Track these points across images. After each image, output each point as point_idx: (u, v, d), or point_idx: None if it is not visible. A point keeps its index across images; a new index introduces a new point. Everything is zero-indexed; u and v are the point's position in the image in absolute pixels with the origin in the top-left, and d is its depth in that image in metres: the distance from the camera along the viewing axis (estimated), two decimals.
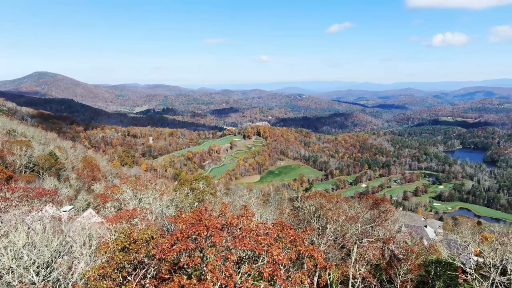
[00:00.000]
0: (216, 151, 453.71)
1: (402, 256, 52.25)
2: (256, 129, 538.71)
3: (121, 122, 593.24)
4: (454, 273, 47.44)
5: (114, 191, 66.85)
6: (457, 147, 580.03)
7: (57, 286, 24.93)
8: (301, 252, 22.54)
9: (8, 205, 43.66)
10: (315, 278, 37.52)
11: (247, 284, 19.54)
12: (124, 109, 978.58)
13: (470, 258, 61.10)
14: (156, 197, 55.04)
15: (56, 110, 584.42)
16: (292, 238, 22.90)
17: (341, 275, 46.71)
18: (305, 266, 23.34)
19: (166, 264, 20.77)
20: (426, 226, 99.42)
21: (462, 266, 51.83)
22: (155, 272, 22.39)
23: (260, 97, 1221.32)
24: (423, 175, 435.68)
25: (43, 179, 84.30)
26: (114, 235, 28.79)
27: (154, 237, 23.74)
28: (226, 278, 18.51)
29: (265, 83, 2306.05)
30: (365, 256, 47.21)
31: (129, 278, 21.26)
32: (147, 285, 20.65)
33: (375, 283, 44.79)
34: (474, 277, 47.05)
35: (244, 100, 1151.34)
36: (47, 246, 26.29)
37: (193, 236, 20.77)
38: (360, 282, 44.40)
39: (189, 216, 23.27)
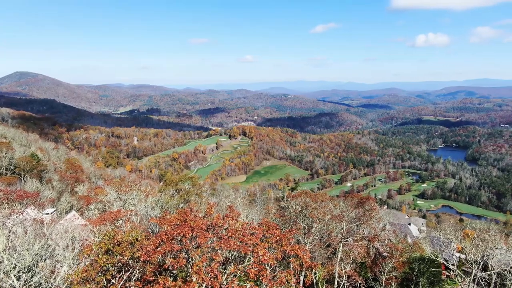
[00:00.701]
0: (202, 152, 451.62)
1: (387, 254, 52.88)
2: (242, 129, 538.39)
3: (105, 123, 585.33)
4: (437, 270, 48.25)
5: (98, 193, 65.99)
6: (440, 146, 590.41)
7: None
8: (287, 252, 22.57)
9: None
10: (301, 278, 37.69)
11: (233, 285, 19.49)
12: (108, 110, 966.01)
13: (453, 255, 62.26)
14: (141, 199, 54.45)
15: (38, 111, 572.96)
16: (278, 238, 22.91)
17: (327, 274, 47.03)
18: (291, 266, 23.39)
19: (151, 266, 20.56)
20: (410, 224, 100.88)
21: (445, 263, 52.79)
22: (140, 275, 22.12)
23: (246, 97, 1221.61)
24: (407, 174, 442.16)
25: (25, 181, 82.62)
26: (98, 238, 28.34)
27: (139, 239, 23.46)
28: (212, 279, 18.43)
29: (251, 83, 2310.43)
30: (351, 255, 47.63)
31: (113, 281, 20.98)
32: None
33: (361, 281, 45.25)
34: (457, 273, 47.96)
35: (230, 100, 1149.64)
36: (28, 250, 25.75)
37: (178, 238, 20.61)
38: (346, 281, 44.81)
39: (174, 218, 23.10)
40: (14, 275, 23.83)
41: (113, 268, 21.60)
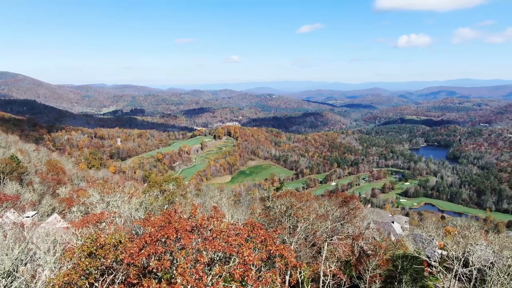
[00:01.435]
0: (187, 152, 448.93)
1: (371, 252, 53.53)
2: (227, 129, 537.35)
3: (88, 124, 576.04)
4: (420, 267, 49.01)
5: (81, 195, 64.84)
6: (422, 145, 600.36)
7: None
8: (272, 252, 22.61)
9: None
10: (287, 277, 37.84)
11: (218, 286, 19.45)
12: (91, 110, 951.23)
13: (435, 252, 63.46)
14: (125, 200, 53.80)
15: (18, 112, 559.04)
16: (263, 238, 22.93)
17: (312, 273, 47.33)
18: (277, 266, 23.46)
19: (135, 269, 20.33)
20: (393, 222, 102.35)
21: (428, 260, 53.73)
22: (124, 277, 21.87)
23: (230, 97, 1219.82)
24: (390, 173, 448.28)
25: (4, 184, 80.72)
26: (81, 241, 27.92)
27: (122, 242, 23.18)
28: (197, 281, 18.34)
29: (235, 83, 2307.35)
30: (335, 253, 48.04)
31: (96, 285, 20.69)
32: None
33: (345, 279, 45.66)
34: (439, 270, 48.90)
35: (214, 100, 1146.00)
36: (8, 255, 25.17)
37: (163, 239, 20.44)
38: (331, 279, 45.15)
39: (158, 219, 22.90)
40: None
41: (96, 272, 21.31)
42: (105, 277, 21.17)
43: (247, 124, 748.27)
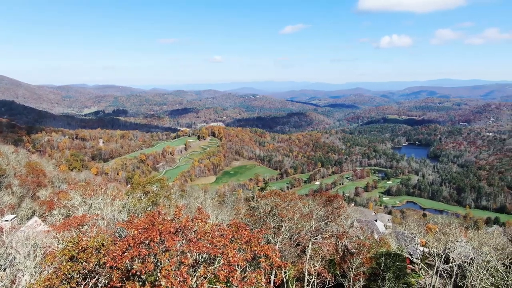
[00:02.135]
0: (170, 153, 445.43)
1: (355, 250, 54.05)
2: (211, 130, 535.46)
3: (69, 125, 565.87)
4: (403, 264, 49.80)
5: (62, 197, 63.62)
6: (404, 144, 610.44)
7: None
8: (257, 252, 22.63)
9: None
10: (272, 277, 37.92)
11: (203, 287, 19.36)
12: (72, 111, 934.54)
13: (417, 249, 64.57)
14: (108, 202, 53.00)
15: None
16: (247, 239, 22.93)
17: (297, 272, 47.53)
18: (261, 266, 23.48)
19: (118, 272, 20.06)
20: (377, 220, 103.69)
21: (410, 257, 54.69)
22: (107, 281, 21.56)
23: (214, 98, 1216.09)
24: (373, 171, 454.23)
25: None
26: (62, 244, 27.39)
27: (105, 244, 22.84)
28: (181, 283, 18.22)
29: (219, 83, 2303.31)
30: (320, 252, 48.37)
31: None
32: None
33: (330, 278, 46.00)
34: (421, 267, 49.74)
35: (198, 101, 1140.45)
36: None
37: (146, 242, 20.24)
38: (316, 278, 45.42)
39: (142, 221, 22.66)
40: None
41: (78, 276, 20.95)
42: (88, 281, 20.83)
43: (231, 125, 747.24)
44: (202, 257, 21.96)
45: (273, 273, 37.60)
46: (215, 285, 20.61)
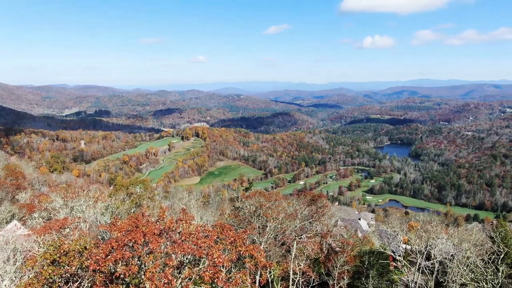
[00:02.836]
0: (154, 154, 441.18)
1: (339, 249, 54.60)
2: (195, 130, 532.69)
3: (49, 126, 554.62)
4: (386, 262, 50.56)
5: (42, 200, 62.27)
6: (386, 143, 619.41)
7: None
8: (242, 253, 22.67)
9: None
10: (257, 277, 37.94)
11: None
12: (52, 112, 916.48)
13: (399, 246, 65.53)
14: (90, 204, 52.17)
15: None
16: (232, 239, 22.94)
17: (282, 272, 47.71)
18: (246, 266, 23.52)
19: (101, 275, 19.80)
20: (360, 219, 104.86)
21: (393, 254, 55.49)
22: (90, 285, 21.27)
23: (198, 98, 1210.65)
24: (356, 171, 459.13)
25: None
26: (43, 248, 26.85)
27: (88, 248, 22.54)
28: (166, 285, 18.11)
29: (203, 84, 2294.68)
30: (305, 251, 48.64)
31: None
32: None
33: (314, 277, 46.33)
34: (403, 264, 50.61)
35: (182, 101, 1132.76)
36: None
37: (130, 244, 20.02)
38: (300, 277, 45.70)
39: (125, 223, 22.41)
40: None
41: (60, 280, 20.61)
42: (70, 285, 20.52)
43: (216, 125, 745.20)
44: (187, 259, 21.86)
45: (258, 273, 37.65)
46: (200, 286, 20.55)
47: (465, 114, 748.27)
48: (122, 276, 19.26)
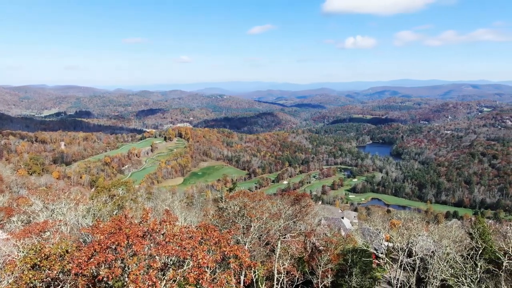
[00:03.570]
0: (136, 155, 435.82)
1: (323, 248, 55.07)
2: (178, 131, 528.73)
3: (27, 127, 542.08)
4: (369, 259, 51.27)
5: (21, 203, 60.85)
6: (368, 142, 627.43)
7: None
8: (226, 253, 22.68)
9: None
10: (241, 277, 38.01)
11: None
12: (31, 113, 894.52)
13: (382, 244, 66.53)
14: (71, 207, 51.26)
15: None
16: (217, 240, 22.94)
17: (267, 271, 47.85)
18: (231, 266, 23.55)
19: (84, 279, 19.53)
20: (343, 218, 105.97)
21: (375, 252, 56.30)
22: None
23: (181, 98, 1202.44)
24: (339, 170, 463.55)
25: None
26: (23, 252, 26.27)
27: (69, 251, 22.18)
28: (150, 287, 17.99)
29: (186, 84, 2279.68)
30: (289, 251, 48.93)
31: None
32: None
33: (299, 276, 46.68)
34: (386, 261, 51.40)
35: (164, 101, 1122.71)
36: None
37: (113, 247, 19.80)
38: (285, 276, 45.96)
39: (108, 226, 22.15)
40: None
41: (41, 284, 20.25)
42: None
43: (199, 125, 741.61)
44: (171, 260, 21.75)
45: (243, 273, 37.71)
46: None
47: (444, 114, 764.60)
48: (105, 279, 19.03)
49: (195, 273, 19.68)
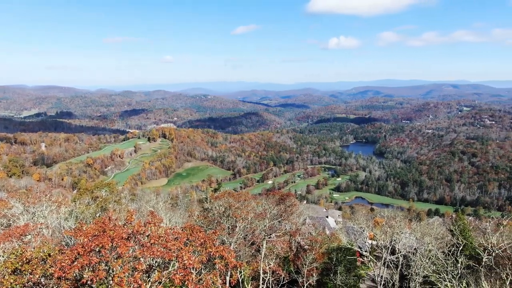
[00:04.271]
0: (119, 156, 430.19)
1: (308, 247, 55.43)
2: (162, 131, 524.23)
3: (6, 128, 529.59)
4: (353, 257, 51.85)
5: (1, 206, 59.48)
6: (351, 142, 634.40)
7: None
8: (212, 254, 22.64)
9: None
10: (227, 278, 37.96)
11: None
12: (9, 114, 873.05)
13: (366, 242, 67.39)
14: (52, 210, 50.31)
15: None
16: (202, 241, 22.87)
17: (252, 271, 47.88)
18: (217, 267, 23.52)
19: (67, 283, 19.21)
20: (328, 217, 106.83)
21: (359, 250, 57.01)
22: None
23: (164, 98, 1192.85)
24: (323, 169, 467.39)
25: None
26: (3, 257, 25.71)
27: (52, 254, 21.79)
28: None
29: (169, 84, 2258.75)
30: (274, 250, 49.09)
31: None
32: None
33: (284, 275, 46.86)
34: (370, 259, 52.03)
35: (148, 102, 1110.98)
36: None
37: (97, 249, 19.54)
38: (270, 276, 46.07)
39: (91, 228, 21.84)
40: None
41: None
42: None
43: (183, 126, 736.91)
44: (156, 262, 21.60)
45: (229, 274, 37.67)
46: None
47: (426, 113, 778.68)
48: (89, 283, 18.77)
49: (181, 275, 19.59)
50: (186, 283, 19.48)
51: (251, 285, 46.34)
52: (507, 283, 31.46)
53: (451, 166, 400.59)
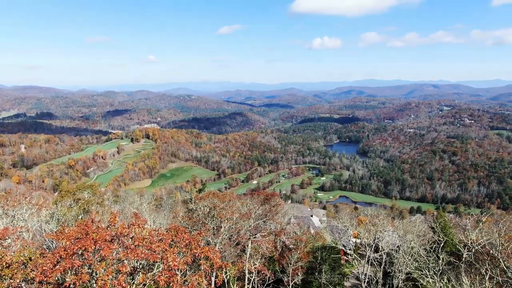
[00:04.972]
0: (102, 157, 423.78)
1: (293, 246, 55.64)
2: (145, 132, 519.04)
3: None
4: (337, 256, 52.37)
5: None
6: (335, 141, 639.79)
7: None
8: (197, 255, 22.56)
9: None
10: (213, 279, 37.87)
11: None
12: None
13: (350, 241, 68.13)
14: (33, 212, 49.28)
15: None
16: (187, 242, 22.77)
17: (238, 271, 47.85)
18: (202, 268, 23.44)
19: (49, 287, 18.87)
20: (312, 216, 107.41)
21: (344, 249, 57.61)
22: None
23: (148, 98, 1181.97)
24: (308, 169, 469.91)
25: None
26: None
27: (33, 258, 21.35)
28: None
29: (153, 84, 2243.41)
30: (259, 250, 49.11)
31: None
32: None
33: (270, 275, 46.97)
34: (354, 257, 52.64)
35: (131, 102, 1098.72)
36: None
37: (80, 252, 19.25)
38: (256, 276, 46.12)
39: (74, 231, 21.49)
40: None
41: None
42: None
43: (167, 126, 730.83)
44: (141, 264, 21.41)
45: (214, 274, 37.59)
46: None
47: (407, 113, 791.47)
48: (72, 286, 18.48)
49: (166, 276, 19.48)
50: (171, 285, 19.37)
51: (237, 286, 46.31)
52: (487, 278, 32.26)
53: (432, 165, 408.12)
